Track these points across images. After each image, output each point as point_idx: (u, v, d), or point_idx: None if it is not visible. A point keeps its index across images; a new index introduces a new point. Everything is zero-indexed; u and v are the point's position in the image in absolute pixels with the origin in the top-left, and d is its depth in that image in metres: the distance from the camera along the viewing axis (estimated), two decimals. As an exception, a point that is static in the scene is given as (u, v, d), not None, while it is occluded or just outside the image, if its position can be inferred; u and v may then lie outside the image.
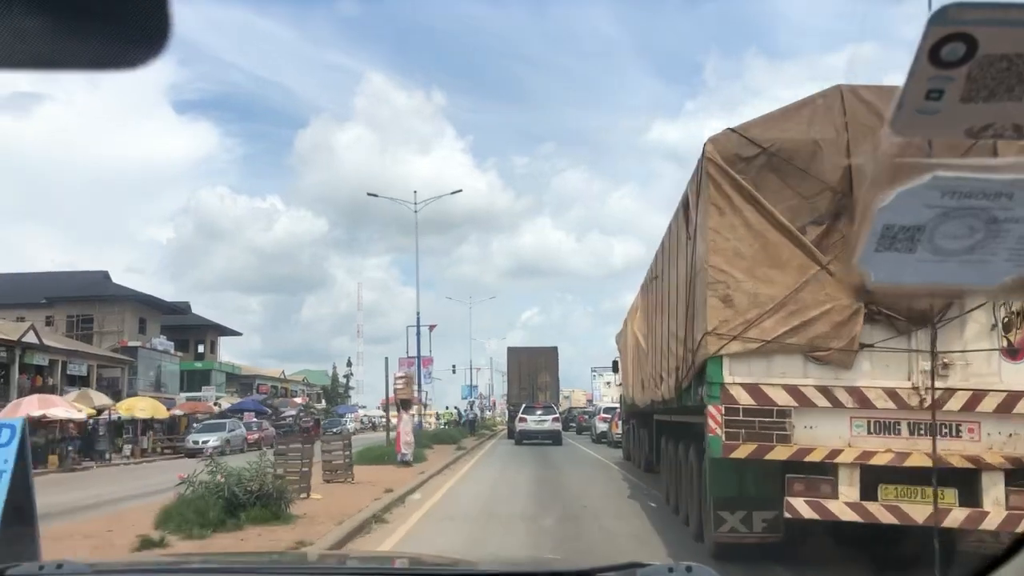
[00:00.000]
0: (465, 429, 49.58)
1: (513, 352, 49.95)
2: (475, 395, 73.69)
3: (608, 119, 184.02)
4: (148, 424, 36.10)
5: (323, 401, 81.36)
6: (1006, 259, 0.93)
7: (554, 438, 35.31)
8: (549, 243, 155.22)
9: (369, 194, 38.60)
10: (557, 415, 38.10)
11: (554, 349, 49.78)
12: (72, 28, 0.94)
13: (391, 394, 25.82)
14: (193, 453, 27.90)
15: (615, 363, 24.94)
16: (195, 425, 38.62)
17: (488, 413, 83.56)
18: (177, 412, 41.32)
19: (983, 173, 0.89)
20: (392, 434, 24.31)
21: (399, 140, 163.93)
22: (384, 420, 38.70)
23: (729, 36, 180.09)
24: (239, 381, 62.46)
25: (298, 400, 64.20)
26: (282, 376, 74.47)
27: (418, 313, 36.25)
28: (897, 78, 0.82)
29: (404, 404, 23.08)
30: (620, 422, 25.95)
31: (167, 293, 71.36)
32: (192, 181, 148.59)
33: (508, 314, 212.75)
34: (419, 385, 33.19)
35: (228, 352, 64.68)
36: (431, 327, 41.62)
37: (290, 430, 43.35)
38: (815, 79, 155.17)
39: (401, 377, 24.82)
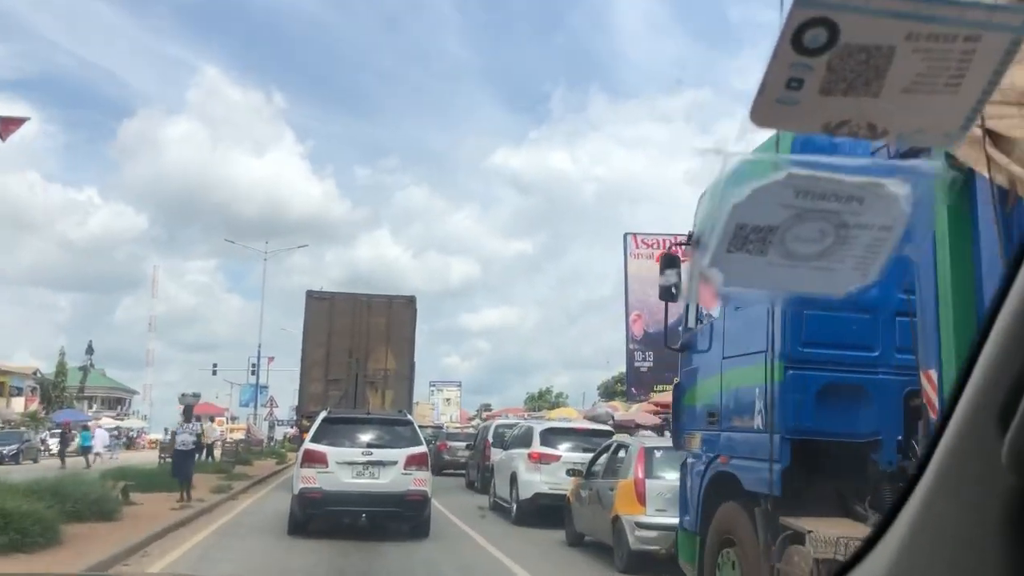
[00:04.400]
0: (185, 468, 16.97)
1: (318, 302, 21.33)
2: (265, 399, 53.91)
3: (454, 139, 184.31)
4: None
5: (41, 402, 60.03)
6: (852, 268, 0.91)
7: (410, 517, 12.64)
8: (386, 257, 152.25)
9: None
10: (420, 447, 12.95)
11: (409, 302, 21.87)
12: None
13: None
14: None
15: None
16: None
17: (288, 431, 50.26)
18: None
19: (836, 174, 0.85)
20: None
21: (233, 139, 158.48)
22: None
23: (575, 70, 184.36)
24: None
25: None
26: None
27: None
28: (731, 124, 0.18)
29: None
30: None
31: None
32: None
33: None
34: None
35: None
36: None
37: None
38: (654, 119, 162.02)
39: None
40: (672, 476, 9.47)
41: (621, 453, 10.67)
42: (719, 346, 6.68)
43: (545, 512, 14.15)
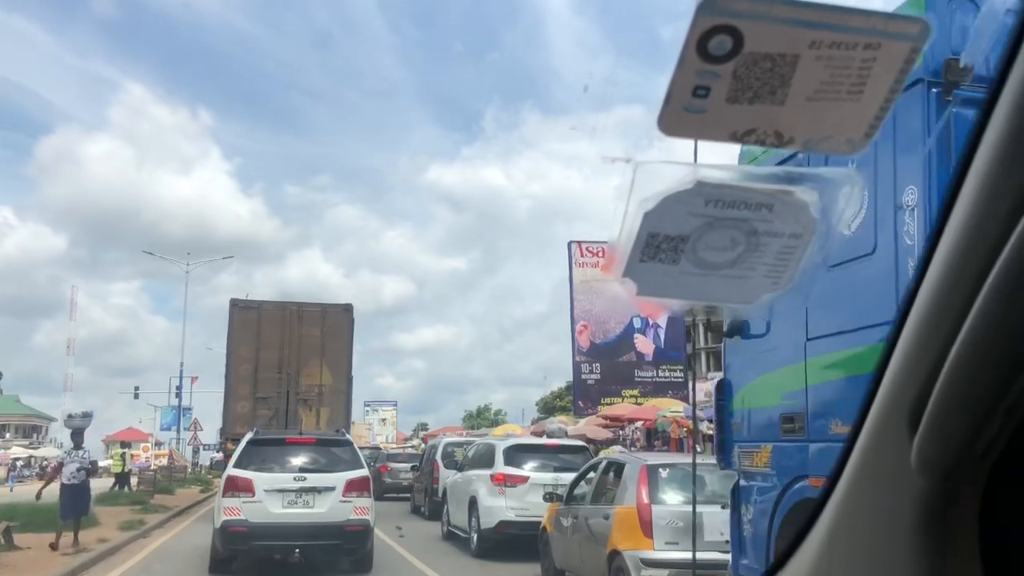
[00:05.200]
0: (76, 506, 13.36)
1: (244, 312, 18.96)
2: (189, 422, 47.10)
3: (387, 158, 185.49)
4: None
5: None
6: (764, 275, 0.91)
7: (350, 551, 11.13)
8: (317, 276, 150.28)
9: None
10: (361, 471, 11.30)
11: (344, 310, 19.58)
12: None
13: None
14: None
15: None
16: None
17: (214, 455, 45.39)
18: None
19: (746, 182, 0.86)
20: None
21: (158, 157, 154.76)
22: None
23: (508, 88, 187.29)
24: None
25: None
26: None
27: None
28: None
29: None
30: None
31: None
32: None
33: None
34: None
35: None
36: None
37: None
38: (587, 136, 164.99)
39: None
40: (681, 500, 7.73)
41: (613, 473, 8.85)
42: (796, 324, 4.92)
43: (511, 543, 12.26)
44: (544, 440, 16.11)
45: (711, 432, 26.82)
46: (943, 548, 0.90)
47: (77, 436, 13.87)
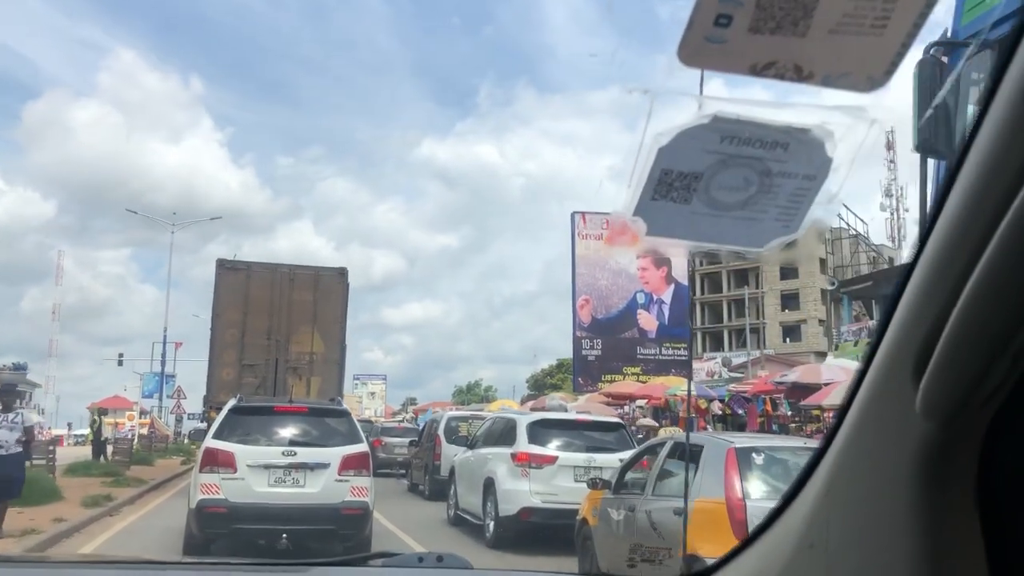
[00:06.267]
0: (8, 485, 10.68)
1: (231, 274, 17.27)
2: (172, 389, 44.50)
3: (380, 131, 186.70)
4: None
5: None
6: (775, 218, 0.91)
7: (346, 537, 9.35)
8: (307, 249, 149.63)
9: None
10: (360, 446, 9.78)
11: (339, 274, 17.85)
12: None
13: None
14: None
15: None
16: None
17: (198, 425, 27.06)
18: None
19: (762, 118, 0.85)
20: None
21: (148, 125, 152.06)
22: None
23: (503, 64, 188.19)
24: None
25: None
26: None
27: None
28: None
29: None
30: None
31: None
32: None
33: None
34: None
35: None
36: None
37: None
38: (580, 114, 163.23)
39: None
40: (779, 493, 6.01)
41: (682, 457, 7.13)
42: None
43: (534, 532, 10.61)
44: (574, 415, 14.34)
45: (719, 412, 25.38)
46: (942, 498, 0.90)
47: (7, 395, 11.18)
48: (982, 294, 0.77)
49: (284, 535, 9.12)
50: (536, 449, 10.84)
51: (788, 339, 62.27)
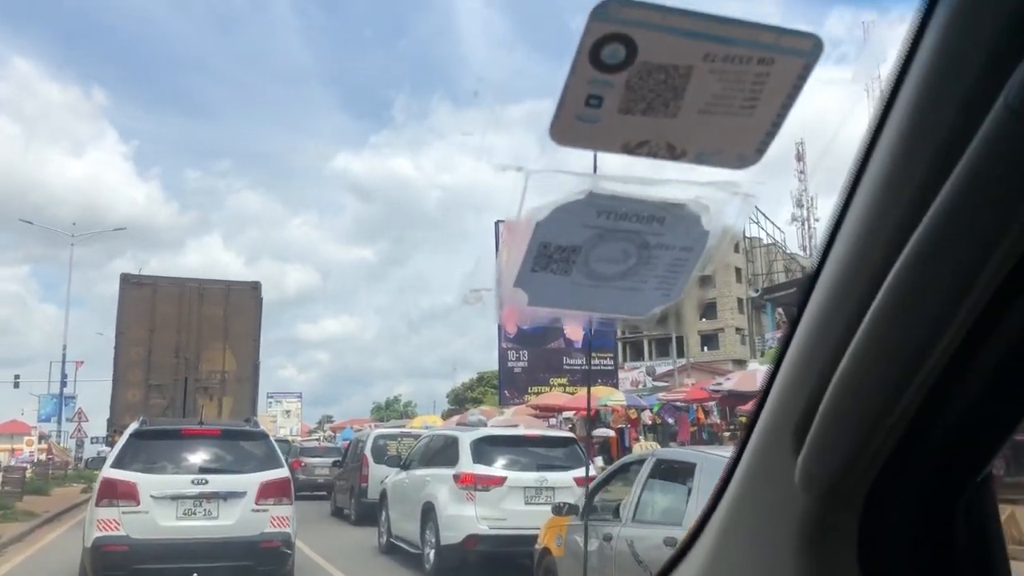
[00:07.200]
0: None
1: (136, 289, 16.36)
2: (72, 412, 41.15)
3: (292, 144, 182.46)
4: None
5: None
6: (655, 288, 0.90)
7: (265, 574, 8.73)
8: (217, 264, 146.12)
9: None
10: (280, 471, 9.02)
11: (252, 288, 17.22)
12: None
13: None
14: None
15: None
16: None
17: (101, 448, 31.02)
18: None
19: (638, 194, 0.84)
20: None
21: (47, 137, 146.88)
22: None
23: (419, 76, 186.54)
24: None
25: None
26: None
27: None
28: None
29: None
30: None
31: None
32: None
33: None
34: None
35: None
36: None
37: None
38: (496, 127, 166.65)
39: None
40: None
41: (669, 478, 6.21)
42: None
43: (482, 563, 9.62)
44: (522, 430, 13.36)
45: (649, 422, 24.83)
46: (827, 568, 0.90)
47: None
48: (857, 370, 0.76)
49: (195, 575, 8.06)
50: (482, 469, 9.80)
51: (706, 347, 62.73)
